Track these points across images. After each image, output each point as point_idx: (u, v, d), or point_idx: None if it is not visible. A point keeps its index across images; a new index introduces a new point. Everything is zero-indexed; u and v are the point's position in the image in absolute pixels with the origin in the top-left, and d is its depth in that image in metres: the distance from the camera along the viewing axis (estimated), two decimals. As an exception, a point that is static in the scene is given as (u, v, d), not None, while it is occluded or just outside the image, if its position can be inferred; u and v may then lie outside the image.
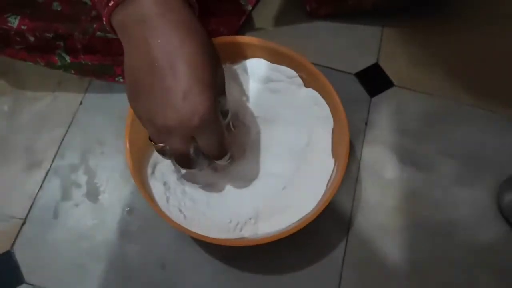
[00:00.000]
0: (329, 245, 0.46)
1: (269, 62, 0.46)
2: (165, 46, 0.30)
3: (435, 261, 0.45)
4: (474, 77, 0.55)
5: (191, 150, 0.33)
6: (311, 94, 0.45)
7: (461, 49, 0.56)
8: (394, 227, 0.47)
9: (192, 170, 0.37)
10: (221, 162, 0.37)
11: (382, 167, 0.50)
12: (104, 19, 0.32)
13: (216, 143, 0.34)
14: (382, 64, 0.56)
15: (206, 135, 0.33)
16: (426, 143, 0.51)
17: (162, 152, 0.35)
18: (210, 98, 0.31)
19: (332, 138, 0.44)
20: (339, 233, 0.46)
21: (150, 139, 0.34)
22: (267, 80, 0.46)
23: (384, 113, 0.52)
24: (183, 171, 0.43)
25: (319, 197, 0.42)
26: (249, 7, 0.56)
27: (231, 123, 0.43)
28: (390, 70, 0.55)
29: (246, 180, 0.44)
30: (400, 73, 0.55)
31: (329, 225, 0.47)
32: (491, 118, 0.52)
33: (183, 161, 0.34)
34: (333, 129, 0.44)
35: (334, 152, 0.44)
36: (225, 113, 0.37)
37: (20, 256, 0.45)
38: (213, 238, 0.39)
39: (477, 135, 0.51)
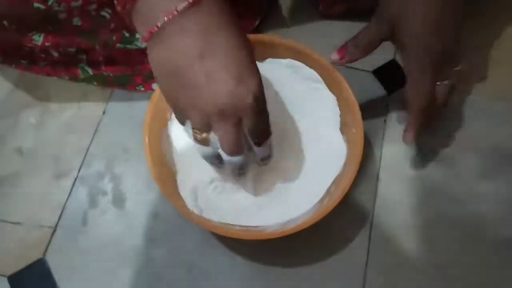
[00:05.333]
0: (352, 244, 0.46)
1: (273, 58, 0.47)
2: (202, 34, 0.31)
3: (461, 258, 0.45)
4: (493, 69, 0.54)
5: (241, 136, 0.34)
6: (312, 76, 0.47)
7: (479, 41, 0.56)
8: (417, 224, 0.47)
9: (237, 158, 0.37)
10: (261, 153, 0.38)
11: (402, 164, 0.49)
12: (144, 40, 0.32)
13: (264, 123, 0.36)
14: (399, 60, 0.55)
15: (256, 115, 0.34)
16: (446, 138, 0.50)
17: (206, 143, 0.35)
18: (259, 78, 0.33)
19: (346, 130, 0.46)
20: (361, 232, 0.47)
21: (193, 129, 0.35)
22: (276, 76, 0.47)
23: (403, 110, 0.52)
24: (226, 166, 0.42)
25: (329, 184, 0.43)
26: (264, 8, 0.57)
27: None
28: (407, 65, 0.55)
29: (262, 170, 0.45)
30: (418, 68, 0.54)
31: (351, 224, 0.47)
32: (510, 110, 0.51)
33: (232, 145, 0.35)
34: (343, 119, 0.46)
35: (349, 137, 0.45)
36: None
37: (52, 263, 0.46)
38: (235, 233, 0.41)
39: (497, 127, 0.50)
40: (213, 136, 0.34)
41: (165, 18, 0.30)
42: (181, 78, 0.32)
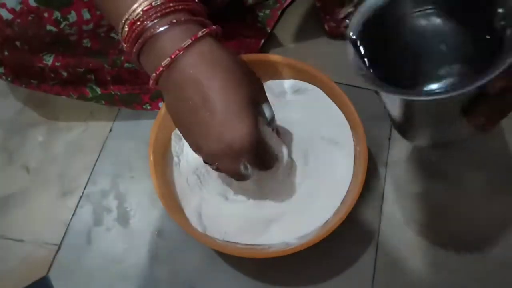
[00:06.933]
0: (358, 263, 0.45)
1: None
2: (196, 84, 0.32)
3: (468, 278, 0.44)
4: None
5: (242, 168, 0.36)
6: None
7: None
8: (423, 243, 0.46)
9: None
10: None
11: (408, 182, 0.49)
12: (151, 82, 0.34)
13: (261, 159, 0.37)
14: (403, 79, 0.55)
15: (251, 155, 0.35)
16: (453, 155, 0.50)
17: (219, 170, 0.38)
18: (248, 119, 0.33)
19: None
20: (367, 251, 0.46)
21: (204, 162, 0.38)
22: (283, 94, 0.48)
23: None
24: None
25: (338, 204, 0.43)
26: (268, 30, 0.58)
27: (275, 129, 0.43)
28: (412, 84, 0.55)
29: (269, 188, 0.45)
30: (422, 87, 0.55)
31: (356, 243, 0.46)
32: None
33: (236, 177, 0.37)
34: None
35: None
36: (271, 120, 0.39)
37: (56, 281, 0.46)
38: (239, 251, 0.41)
39: (505, 144, 0.50)
40: None
41: (160, 67, 0.32)
42: (183, 124, 0.35)
